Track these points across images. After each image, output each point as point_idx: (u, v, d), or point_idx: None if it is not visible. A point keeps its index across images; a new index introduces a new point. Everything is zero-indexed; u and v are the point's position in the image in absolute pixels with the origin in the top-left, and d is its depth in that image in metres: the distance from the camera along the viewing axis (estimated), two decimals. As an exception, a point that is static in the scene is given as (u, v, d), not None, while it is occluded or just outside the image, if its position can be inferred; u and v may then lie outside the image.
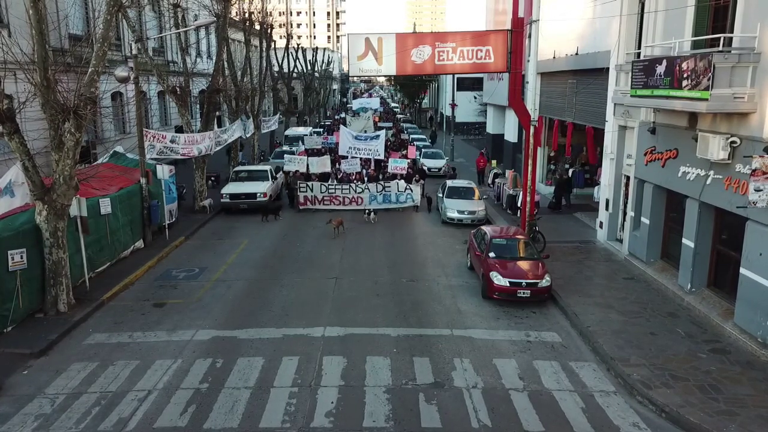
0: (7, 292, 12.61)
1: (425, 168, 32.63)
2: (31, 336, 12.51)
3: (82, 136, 13.79)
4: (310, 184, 24.95)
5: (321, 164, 26.64)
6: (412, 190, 24.88)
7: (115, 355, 11.97)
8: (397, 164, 26.30)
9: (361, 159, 27.59)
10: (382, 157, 27.84)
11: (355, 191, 24.80)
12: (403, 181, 25.22)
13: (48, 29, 13.26)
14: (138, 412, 9.89)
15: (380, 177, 26.57)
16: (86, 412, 9.89)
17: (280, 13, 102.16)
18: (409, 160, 28.46)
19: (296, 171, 26.53)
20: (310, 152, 31.54)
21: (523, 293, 14.44)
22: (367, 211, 22.44)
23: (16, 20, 18.29)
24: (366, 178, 26.25)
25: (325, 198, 24.83)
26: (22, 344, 12.14)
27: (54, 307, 13.60)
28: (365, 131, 35.68)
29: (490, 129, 41.07)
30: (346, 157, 27.31)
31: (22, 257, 12.92)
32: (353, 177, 26.46)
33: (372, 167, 28.15)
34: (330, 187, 25.05)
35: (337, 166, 28.26)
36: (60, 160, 13.39)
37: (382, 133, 29.18)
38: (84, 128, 13.60)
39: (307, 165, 26.91)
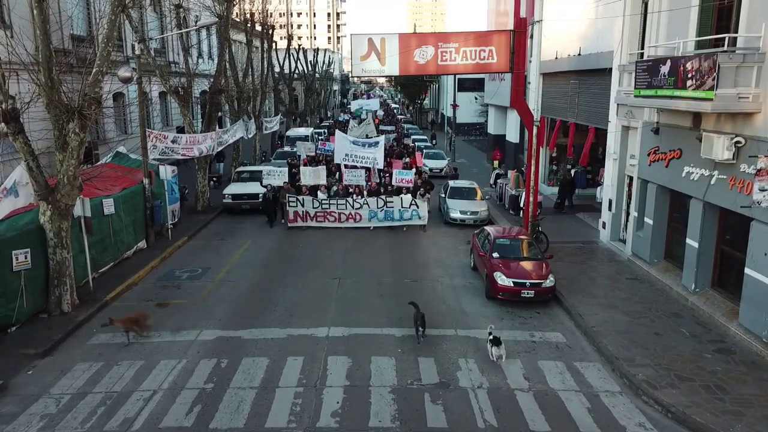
0: (11, 292, 12.61)
1: (426, 169, 31.77)
2: (35, 336, 12.50)
3: (86, 136, 13.80)
4: (300, 198, 22.05)
5: (315, 175, 23.30)
6: (418, 206, 21.92)
7: (120, 355, 11.96)
8: (403, 176, 23.18)
9: (365, 169, 24.24)
10: (381, 166, 25.06)
11: (353, 207, 21.99)
12: (408, 195, 22.20)
13: (50, 29, 13.24)
14: (143, 412, 9.88)
15: (382, 190, 23.40)
16: (92, 412, 9.88)
17: (280, 14, 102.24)
18: (414, 170, 25.14)
19: (285, 183, 23.40)
20: (309, 161, 28.73)
21: (527, 293, 14.43)
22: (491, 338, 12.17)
23: (19, 20, 18.28)
24: (365, 192, 23.00)
25: (318, 214, 22.05)
26: (26, 344, 12.13)
27: (58, 307, 13.60)
28: (367, 135, 34.39)
29: (492, 130, 41.08)
30: (347, 167, 24.29)
31: (26, 257, 12.92)
32: (353, 190, 23.20)
33: (372, 179, 24.82)
34: (323, 202, 22.13)
35: (336, 176, 25.20)
36: (64, 160, 13.39)
37: (382, 139, 26.28)
38: (88, 128, 13.61)
39: (294, 175, 24.79)
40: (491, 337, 11.81)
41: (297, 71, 55.40)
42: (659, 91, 14.02)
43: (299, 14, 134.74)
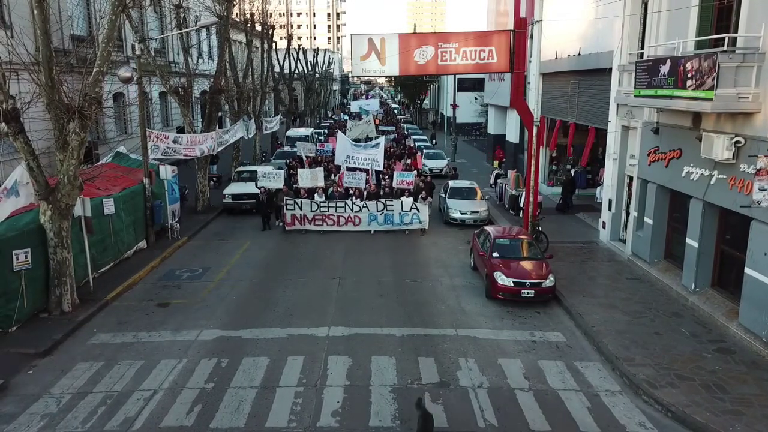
0: (11, 292, 12.60)
1: (426, 169, 31.44)
2: (35, 336, 12.49)
3: (87, 136, 13.80)
4: (298, 201, 21.60)
5: (312, 177, 22.80)
6: (418, 210, 21.43)
7: (120, 354, 11.96)
8: (404, 178, 22.83)
9: (365, 171, 24.04)
10: (381, 168, 24.77)
11: (352, 210, 21.49)
12: (410, 198, 21.75)
13: (51, 29, 13.25)
14: (144, 412, 9.89)
15: (381, 193, 23.03)
16: (92, 412, 9.89)
17: (280, 14, 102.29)
18: (415, 172, 24.81)
19: (284, 186, 23.03)
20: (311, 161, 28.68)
21: (527, 293, 14.44)
22: None
23: (19, 20, 18.29)
24: (365, 194, 22.54)
25: (316, 217, 21.50)
26: (26, 344, 12.13)
27: (58, 307, 13.60)
28: (367, 136, 34.26)
29: (492, 130, 41.10)
30: (348, 169, 24.15)
31: (26, 257, 12.92)
32: (353, 193, 22.76)
33: (372, 182, 24.39)
34: (322, 205, 21.61)
35: (332, 177, 25.04)
36: (64, 160, 13.39)
37: (382, 140, 26.00)
38: (88, 128, 13.62)
39: (289, 177, 24.64)
40: None
41: (297, 71, 55.41)
42: (659, 91, 14.03)
43: (299, 14, 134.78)
